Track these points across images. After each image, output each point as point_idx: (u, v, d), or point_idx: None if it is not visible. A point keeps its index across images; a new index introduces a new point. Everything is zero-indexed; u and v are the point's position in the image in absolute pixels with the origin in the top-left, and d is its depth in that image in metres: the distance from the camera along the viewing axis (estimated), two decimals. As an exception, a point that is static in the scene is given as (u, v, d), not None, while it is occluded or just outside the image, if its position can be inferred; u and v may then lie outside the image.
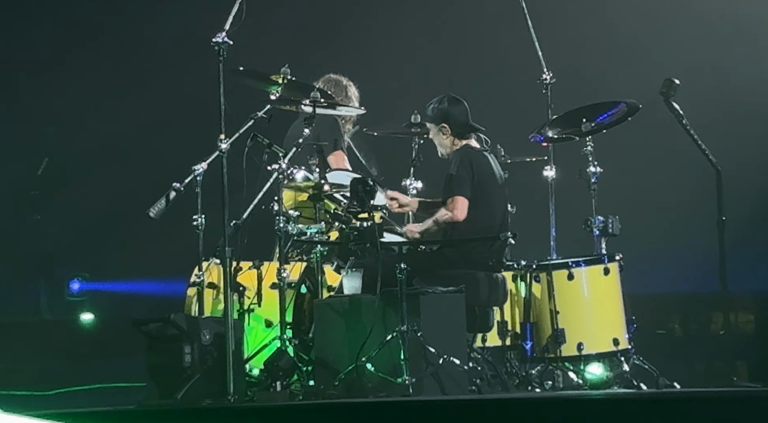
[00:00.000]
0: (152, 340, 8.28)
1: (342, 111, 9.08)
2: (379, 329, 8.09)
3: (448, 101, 8.76)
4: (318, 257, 8.56)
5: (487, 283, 8.59)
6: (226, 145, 8.16)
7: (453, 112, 8.74)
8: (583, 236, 9.15)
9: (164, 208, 8.47)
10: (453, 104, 8.76)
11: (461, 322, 8.32)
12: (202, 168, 8.45)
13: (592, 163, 9.17)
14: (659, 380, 8.69)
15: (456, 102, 8.78)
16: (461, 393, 8.13)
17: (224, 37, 8.19)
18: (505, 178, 8.98)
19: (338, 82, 9.45)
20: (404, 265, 8.10)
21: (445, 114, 8.74)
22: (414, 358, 8.03)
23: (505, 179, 8.98)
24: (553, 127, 9.24)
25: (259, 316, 8.67)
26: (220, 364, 8.02)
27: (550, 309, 8.87)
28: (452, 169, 8.64)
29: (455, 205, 8.56)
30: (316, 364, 8.34)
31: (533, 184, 9.45)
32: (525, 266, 8.98)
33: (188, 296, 8.79)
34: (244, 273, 8.62)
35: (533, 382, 8.81)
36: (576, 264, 8.90)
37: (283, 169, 8.47)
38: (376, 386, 8.05)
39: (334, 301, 8.40)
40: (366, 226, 8.21)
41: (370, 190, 8.27)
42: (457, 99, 8.80)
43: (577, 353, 8.80)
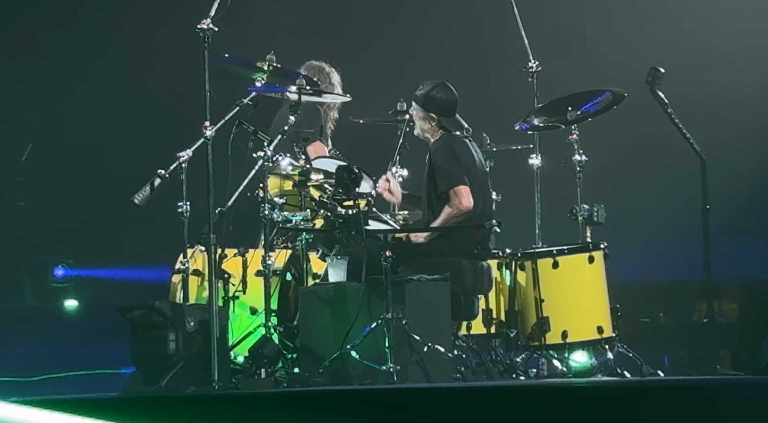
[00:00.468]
0: (136, 326, 8.26)
1: (327, 98, 9.05)
2: (364, 317, 8.09)
3: (443, 91, 8.71)
4: (303, 245, 8.55)
5: (472, 271, 8.58)
6: (211, 132, 8.13)
7: (443, 104, 8.68)
8: (568, 224, 9.16)
9: (149, 195, 8.44)
10: (447, 94, 8.70)
11: (446, 310, 8.32)
12: (187, 155, 8.42)
13: (577, 152, 9.17)
14: (643, 368, 8.71)
15: (449, 92, 8.71)
16: (446, 381, 8.14)
17: (209, 23, 8.16)
18: (490, 166, 8.97)
19: (321, 69, 9.42)
20: (389, 253, 8.10)
21: (436, 104, 8.69)
22: (399, 345, 8.03)
23: (490, 167, 8.97)
24: (538, 116, 9.24)
25: (243, 303, 8.65)
26: (205, 352, 8.00)
27: (535, 297, 8.88)
28: (438, 163, 8.59)
29: (460, 196, 8.52)
30: (301, 351, 8.34)
31: (519, 173, 9.45)
32: (510, 254, 8.97)
33: (173, 283, 8.76)
34: (229, 260, 8.59)
35: (518, 369, 8.81)
36: (561, 252, 8.91)
37: (268, 157, 8.45)
38: (360, 374, 8.06)
39: (319, 289, 8.39)
40: (351, 214, 8.20)
41: (355, 177, 8.25)
42: (450, 89, 8.75)
43: (561, 341, 8.81)
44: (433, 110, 8.70)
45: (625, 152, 10.53)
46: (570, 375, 8.78)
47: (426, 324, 8.16)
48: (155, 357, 8.15)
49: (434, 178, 8.60)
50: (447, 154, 8.57)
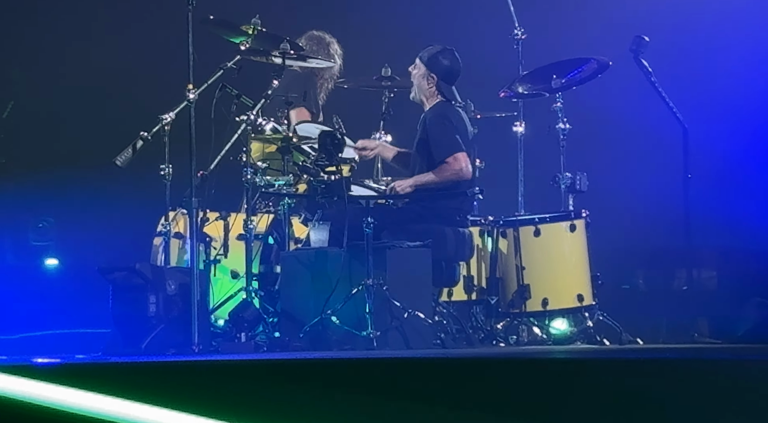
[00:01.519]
0: (117, 288, 8.26)
1: (312, 63, 9.01)
2: (345, 282, 8.10)
3: (450, 56, 8.69)
4: (285, 209, 8.54)
5: (454, 237, 8.60)
6: (194, 96, 8.10)
7: (448, 70, 8.65)
8: (551, 192, 9.17)
9: (131, 156, 8.42)
10: (453, 61, 8.69)
11: (427, 277, 8.34)
12: (170, 117, 8.39)
13: (561, 120, 9.18)
14: (622, 336, 8.76)
15: (456, 61, 8.70)
16: (426, 347, 8.17)
17: (195, -15, 8.11)
18: (474, 133, 8.97)
19: (321, 39, 9.36)
20: (371, 219, 8.11)
21: (441, 68, 8.67)
22: (379, 311, 8.06)
23: (475, 135, 8.97)
24: (523, 83, 9.24)
25: (225, 267, 8.65)
26: (185, 315, 8.01)
27: (516, 265, 8.91)
28: (435, 127, 8.56)
29: (460, 162, 8.51)
30: (281, 316, 8.35)
31: (502, 140, 9.44)
32: (492, 222, 9.00)
33: (154, 246, 8.76)
34: (211, 224, 8.59)
35: (498, 336, 8.86)
36: (542, 220, 8.93)
37: (251, 121, 8.43)
38: (340, 339, 8.08)
39: (301, 254, 8.40)
40: (333, 180, 8.20)
41: (338, 143, 8.24)
42: (458, 59, 8.72)
43: (542, 309, 8.86)
44: (436, 72, 8.68)
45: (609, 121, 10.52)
46: (550, 342, 8.83)
47: (407, 290, 8.18)
48: (136, 319, 8.16)
49: (428, 145, 8.58)
50: (444, 121, 8.57)
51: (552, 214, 8.98)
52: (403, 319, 8.10)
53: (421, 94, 8.71)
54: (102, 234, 9.68)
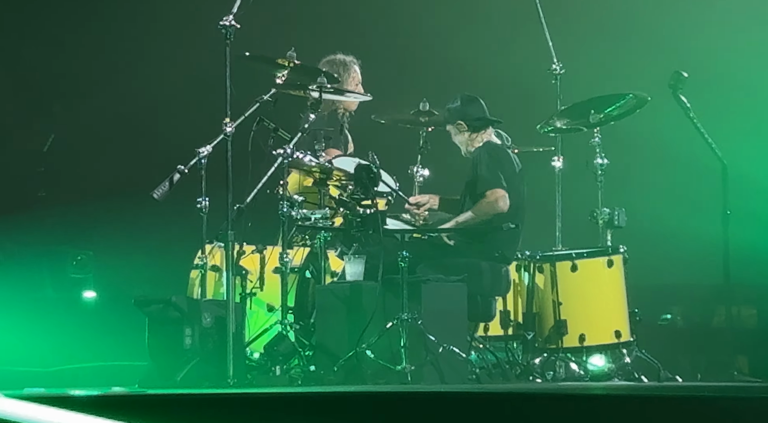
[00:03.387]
0: (153, 321, 8.29)
1: (349, 97, 9.04)
2: (379, 316, 8.09)
3: (461, 100, 8.81)
4: (322, 242, 8.56)
5: (491, 272, 8.59)
6: (231, 129, 8.14)
7: (467, 110, 8.76)
8: (588, 228, 9.14)
9: (168, 190, 8.46)
10: (466, 103, 8.80)
11: (462, 311, 8.32)
12: (206, 151, 8.43)
13: (599, 155, 9.16)
14: (661, 373, 8.69)
15: (470, 100, 8.81)
16: (461, 382, 8.13)
17: (232, 20, 8.17)
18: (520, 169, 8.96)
19: (341, 64, 9.35)
20: (406, 253, 8.10)
21: (460, 112, 8.79)
22: (414, 346, 8.03)
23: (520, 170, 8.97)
24: (561, 118, 9.23)
25: (260, 300, 8.67)
26: (221, 347, 8.02)
27: (553, 300, 8.87)
28: (481, 167, 8.63)
29: (497, 197, 8.56)
30: (316, 349, 8.34)
31: (540, 175, 9.43)
32: (528, 257, 8.97)
33: (191, 279, 8.79)
34: (247, 257, 8.61)
35: (534, 372, 8.81)
36: (579, 255, 8.90)
37: (288, 154, 8.46)
38: (375, 373, 8.06)
39: (336, 287, 8.40)
40: (369, 213, 8.21)
41: (374, 176, 8.26)
42: (472, 97, 8.81)
43: (579, 344, 8.81)
44: (459, 118, 8.74)
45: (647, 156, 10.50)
46: (587, 379, 8.77)
47: (442, 325, 8.16)
48: (171, 351, 8.18)
49: (475, 181, 8.63)
50: (490, 160, 8.65)
51: (589, 250, 8.95)
52: (438, 353, 8.08)
53: (465, 147, 8.79)
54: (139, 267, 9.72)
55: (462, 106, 8.80)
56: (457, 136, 8.85)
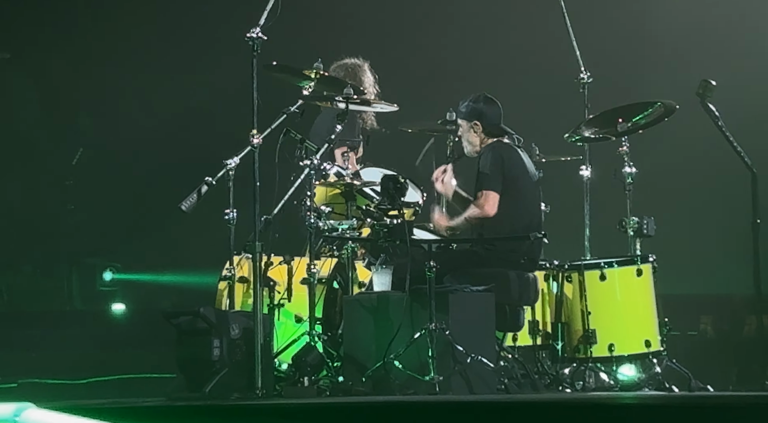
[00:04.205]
0: (182, 332, 8.29)
1: (376, 108, 9.03)
2: (407, 327, 8.07)
3: (483, 100, 8.73)
4: (349, 253, 8.55)
5: (518, 282, 8.55)
6: (258, 140, 8.15)
7: (487, 112, 8.71)
8: (617, 237, 9.10)
9: (196, 202, 8.48)
10: (488, 104, 8.73)
11: (490, 321, 8.29)
12: (234, 162, 8.45)
13: (627, 164, 9.12)
14: (692, 383, 8.63)
15: (491, 102, 8.75)
16: (489, 392, 8.10)
17: (259, 32, 8.18)
18: (539, 176, 8.94)
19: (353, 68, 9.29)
20: (434, 263, 8.08)
21: (479, 112, 8.71)
22: (442, 356, 8.01)
23: (540, 178, 8.94)
24: (589, 127, 9.19)
25: (288, 311, 8.66)
26: (249, 359, 8.01)
27: (582, 309, 8.84)
28: (483, 165, 8.59)
29: (486, 200, 8.52)
30: (344, 360, 8.33)
31: (568, 184, 9.41)
32: (557, 266, 8.94)
33: (219, 290, 8.80)
34: (275, 268, 8.61)
35: (564, 382, 8.77)
36: (608, 265, 8.87)
37: (315, 165, 8.47)
38: (403, 383, 8.04)
39: (363, 298, 8.39)
40: (396, 224, 8.19)
41: (400, 187, 8.25)
42: (492, 99, 8.77)
43: (608, 354, 8.76)
44: (476, 118, 8.69)
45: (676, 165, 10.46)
46: (617, 388, 8.72)
47: (470, 335, 8.13)
48: (200, 363, 8.17)
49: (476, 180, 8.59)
50: (493, 160, 8.56)
51: (618, 259, 8.91)
52: (466, 363, 8.05)
53: (473, 147, 8.71)
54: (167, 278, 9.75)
55: (483, 106, 8.69)
56: (468, 134, 8.73)
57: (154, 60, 10.39)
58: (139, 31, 10.97)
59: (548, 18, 9.81)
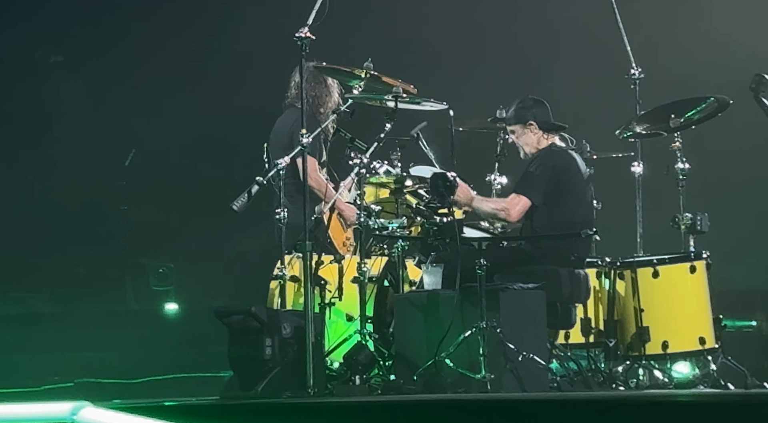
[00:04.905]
0: (234, 331, 8.34)
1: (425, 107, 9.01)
2: (458, 325, 8.06)
3: (532, 102, 8.71)
4: (400, 252, 8.55)
5: (569, 279, 8.51)
6: (307, 140, 8.17)
7: (537, 111, 8.68)
8: (671, 233, 9.03)
9: (247, 202, 8.50)
10: (537, 104, 8.72)
11: (542, 319, 8.25)
12: (284, 162, 8.47)
13: (680, 159, 9.05)
14: (748, 380, 8.56)
15: (538, 102, 8.74)
16: (541, 390, 8.07)
17: (307, 32, 8.20)
18: (590, 173, 8.89)
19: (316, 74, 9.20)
20: (484, 261, 8.06)
21: (531, 113, 8.69)
22: (493, 354, 7.99)
23: (591, 175, 8.89)
24: (641, 123, 9.14)
25: (339, 310, 8.68)
26: (300, 357, 8.04)
27: (634, 307, 8.78)
28: (532, 166, 8.55)
29: (516, 204, 8.47)
30: (395, 358, 8.34)
31: (620, 181, 9.35)
32: (609, 263, 8.89)
33: (270, 289, 8.83)
34: (326, 267, 8.63)
35: (617, 380, 8.72)
36: (661, 261, 8.80)
37: (364, 164, 8.47)
38: (454, 382, 8.03)
39: (414, 296, 8.39)
40: (446, 222, 8.18)
41: (450, 185, 8.24)
42: (539, 99, 8.75)
43: (662, 352, 8.71)
44: (530, 119, 8.67)
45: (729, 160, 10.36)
46: (671, 386, 8.66)
47: (521, 333, 8.10)
48: (252, 362, 8.21)
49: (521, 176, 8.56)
50: (542, 165, 8.54)
51: (671, 255, 8.84)
52: (517, 361, 8.02)
53: (530, 148, 8.69)
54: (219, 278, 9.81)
55: (533, 107, 8.68)
56: (524, 136, 8.71)
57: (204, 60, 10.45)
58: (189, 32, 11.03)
59: (599, 14, 9.75)
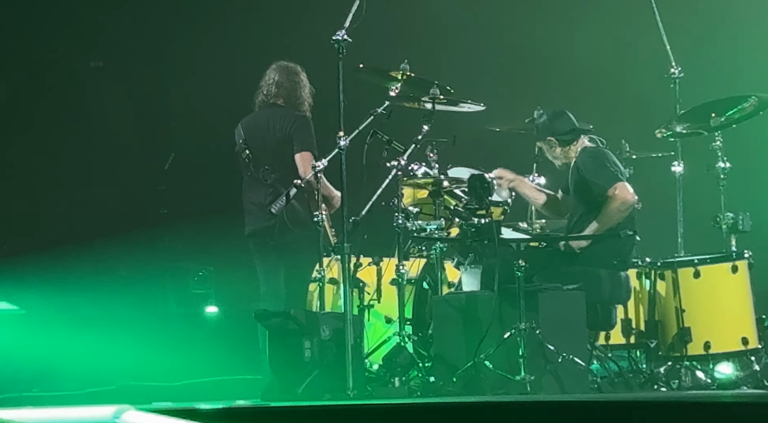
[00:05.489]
0: (273, 334, 8.36)
1: (464, 108, 9.00)
2: (497, 326, 8.04)
3: (548, 116, 8.66)
4: (438, 253, 8.55)
5: (609, 280, 8.47)
6: (345, 142, 8.19)
7: (554, 125, 8.63)
8: (712, 233, 8.97)
9: (285, 204, 8.53)
10: (554, 117, 8.66)
11: (581, 320, 8.22)
12: (322, 165, 8.48)
13: (721, 159, 9.00)
14: (792, 381, 8.51)
15: (557, 115, 8.67)
16: (582, 392, 8.04)
17: (344, 34, 8.21)
18: (630, 173, 8.85)
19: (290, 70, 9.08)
20: (523, 262, 8.03)
21: (548, 128, 8.65)
22: (533, 355, 7.97)
23: (630, 175, 8.85)
24: (681, 122, 9.09)
25: (378, 312, 8.70)
26: (340, 359, 8.06)
27: (676, 307, 8.74)
28: (588, 166, 8.47)
29: (624, 190, 8.38)
30: (435, 360, 8.33)
31: (660, 181, 9.30)
32: (649, 264, 8.84)
33: (309, 292, 8.85)
34: (364, 269, 8.65)
35: (659, 381, 8.67)
36: (702, 261, 8.76)
37: (402, 166, 8.47)
38: (494, 383, 8.02)
39: (452, 298, 8.38)
40: (484, 223, 8.17)
41: (488, 186, 8.23)
42: (558, 111, 8.68)
43: (704, 352, 8.67)
44: (549, 134, 8.63)
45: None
46: (714, 387, 8.60)
47: (560, 334, 8.08)
48: (291, 364, 8.24)
49: (586, 187, 8.47)
50: (596, 160, 8.50)
51: (712, 255, 8.79)
52: (557, 363, 7.99)
53: (559, 161, 8.67)
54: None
55: (549, 122, 8.64)
56: (550, 151, 8.70)
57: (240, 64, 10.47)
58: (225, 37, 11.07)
59: (637, 12, 9.70)
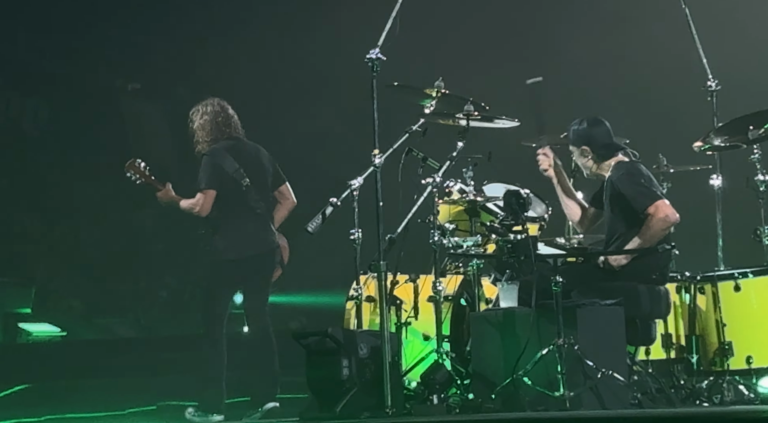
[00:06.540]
0: (311, 353, 8.36)
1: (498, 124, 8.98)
2: (534, 342, 8.00)
3: (588, 123, 8.58)
4: (475, 270, 8.52)
5: (648, 295, 8.40)
6: (380, 160, 8.19)
7: (594, 134, 8.56)
8: (752, 247, 8.89)
9: (321, 223, 8.54)
10: (593, 125, 8.58)
11: (621, 335, 8.16)
12: (358, 183, 8.48)
13: (760, 171, 8.93)
14: (838, 395, 8.40)
15: (597, 123, 8.59)
16: (622, 407, 7.98)
17: (378, 52, 8.23)
18: (668, 187, 8.79)
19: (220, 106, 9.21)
20: (560, 278, 7.99)
21: (587, 136, 8.58)
22: (571, 371, 7.92)
23: (668, 189, 8.79)
24: (719, 135, 9.02)
25: (415, 329, 8.67)
26: (378, 377, 8.04)
27: (716, 321, 8.67)
28: (625, 184, 8.39)
29: (665, 208, 8.32)
30: (473, 377, 8.30)
31: (699, 194, 9.23)
32: (689, 278, 8.78)
33: (347, 310, 8.85)
34: (401, 286, 8.63)
35: (701, 396, 8.59)
36: (743, 275, 8.68)
37: (437, 183, 8.46)
38: (533, 400, 7.97)
39: (490, 314, 8.35)
40: (520, 239, 8.13)
41: (523, 202, 8.20)
42: (598, 119, 8.61)
43: (746, 366, 8.58)
44: (584, 143, 8.57)
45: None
46: (757, 402, 8.52)
47: (599, 349, 8.02)
48: (329, 383, 8.23)
49: (624, 203, 8.41)
50: (632, 177, 8.42)
51: (753, 269, 8.71)
52: (597, 379, 7.94)
53: (587, 170, 8.60)
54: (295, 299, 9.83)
55: (588, 129, 8.55)
56: (581, 159, 8.60)
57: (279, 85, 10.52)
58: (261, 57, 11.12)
59: (674, 26, 9.65)
